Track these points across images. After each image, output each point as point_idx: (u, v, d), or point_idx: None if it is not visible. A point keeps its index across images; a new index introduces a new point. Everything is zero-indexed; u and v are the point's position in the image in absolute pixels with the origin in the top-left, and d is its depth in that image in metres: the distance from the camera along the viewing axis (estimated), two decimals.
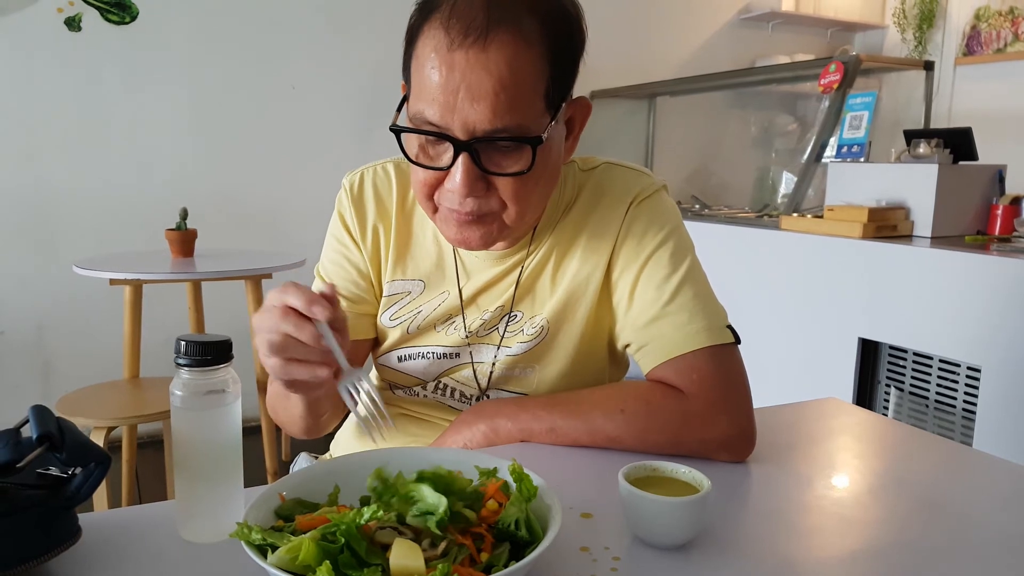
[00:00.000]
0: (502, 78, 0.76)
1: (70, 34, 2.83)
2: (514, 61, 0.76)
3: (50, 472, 0.62)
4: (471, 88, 0.76)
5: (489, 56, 0.75)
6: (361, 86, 3.29)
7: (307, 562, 0.53)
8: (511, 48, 0.76)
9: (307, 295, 0.69)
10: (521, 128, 0.78)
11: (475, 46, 0.75)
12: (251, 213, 3.18)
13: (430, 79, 0.78)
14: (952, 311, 2.04)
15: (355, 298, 1.00)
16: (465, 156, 0.79)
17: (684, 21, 4.07)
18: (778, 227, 2.61)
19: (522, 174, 0.80)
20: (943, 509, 0.77)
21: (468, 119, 0.77)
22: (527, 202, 0.84)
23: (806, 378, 2.49)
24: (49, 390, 2.92)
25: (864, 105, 2.66)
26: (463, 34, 0.75)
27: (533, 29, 0.78)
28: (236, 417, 0.67)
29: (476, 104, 0.76)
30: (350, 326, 0.98)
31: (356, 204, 0.99)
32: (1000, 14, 3.81)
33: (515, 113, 0.77)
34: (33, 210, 2.86)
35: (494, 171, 0.81)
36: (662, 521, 0.65)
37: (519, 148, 0.80)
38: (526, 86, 0.78)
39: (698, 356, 0.87)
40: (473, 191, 0.81)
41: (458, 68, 0.76)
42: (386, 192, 0.99)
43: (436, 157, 0.83)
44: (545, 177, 0.85)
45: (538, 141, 0.79)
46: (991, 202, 2.37)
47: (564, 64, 0.82)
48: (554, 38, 0.79)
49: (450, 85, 0.76)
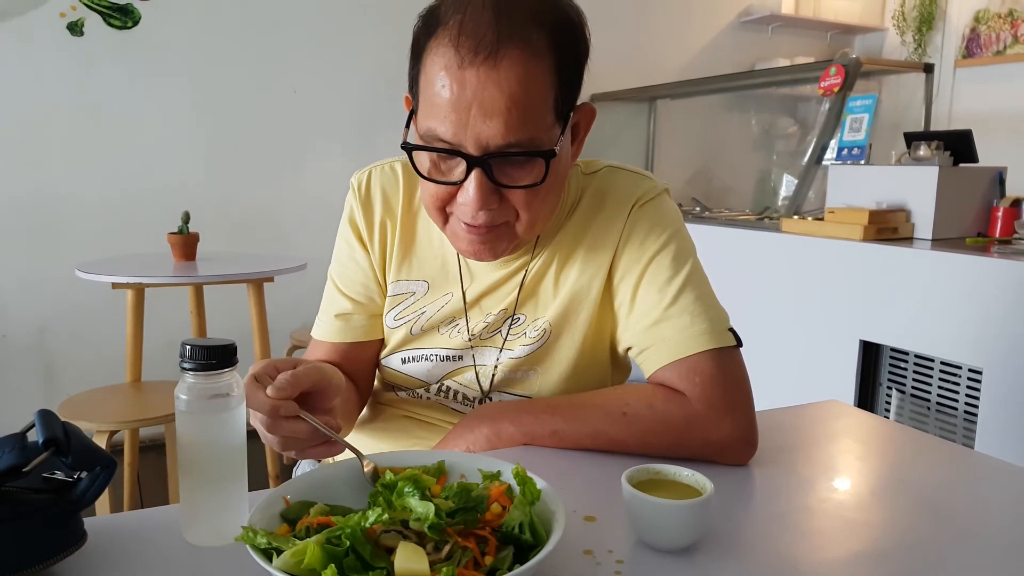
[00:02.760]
0: (514, 94, 0.76)
1: (72, 39, 2.84)
2: (525, 76, 0.77)
3: (56, 476, 0.62)
4: (483, 105, 0.76)
5: (500, 73, 0.76)
6: (363, 90, 3.30)
7: (312, 565, 0.53)
8: (521, 64, 0.76)
9: (269, 404, 0.71)
10: (533, 142, 0.79)
11: (486, 63, 0.76)
12: (253, 217, 3.19)
13: (440, 96, 0.78)
14: (953, 313, 2.04)
15: (366, 300, 1.00)
16: (478, 171, 0.79)
17: (684, 24, 4.07)
18: (779, 229, 2.61)
19: (535, 186, 0.81)
20: (945, 512, 0.77)
21: (481, 135, 0.77)
22: (538, 212, 0.85)
23: (807, 380, 2.48)
24: (51, 394, 2.92)
25: (864, 108, 2.66)
26: (473, 51, 0.75)
27: (541, 42, 0.78)
28: (240, 421, 0.67)
29: (489, 121, 0.76)
30: (367, 329, 1.00)
31: (364, 205, 1.00)
32: (999, 16, 3.81)
33: (527, 127, 0.78)
34: (35, 214, 2.86)
35: (507, 184, 0.81)
36: (665, 524, 0.66)
37: (531, 160, 0.81)
38: (537, 100, 0.78)
39: (701, 359, 0.87)
40: (487, 204, 0.81)
41: (469, 86, 0.76)
42: (393, 191, 1.00)
43: (448, 172, 0.83)
44: (556, 186, 0.86)
45: (551, 154, 0.80)
46: (992, 204, 2.37)
47: (571, 74, 0.82)
48: (561, 49, 0.80)
49: (462, 103, 0.77)
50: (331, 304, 1.02)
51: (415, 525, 0.58)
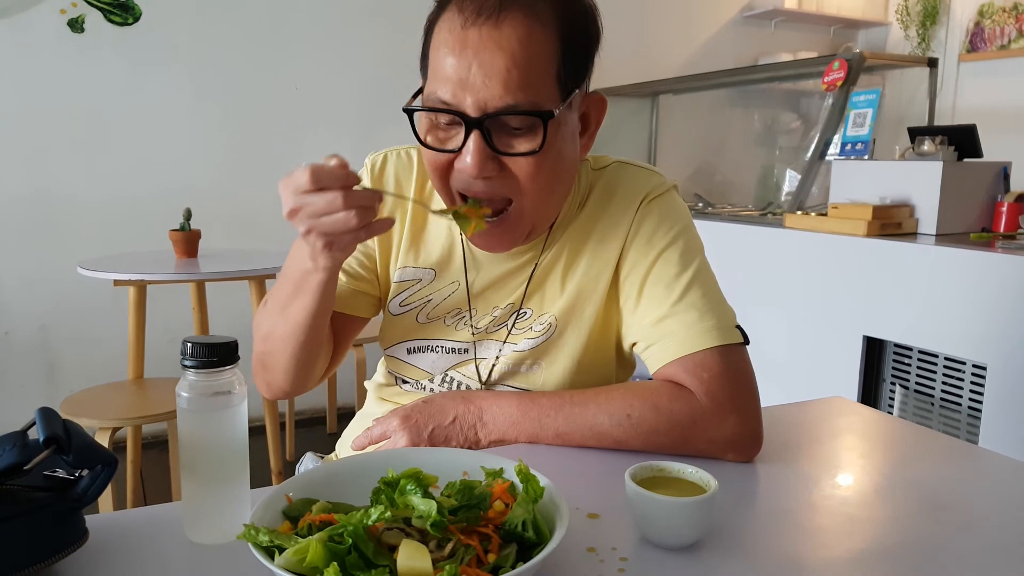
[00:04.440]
0: (514, 54, 0.77)
1: (73, 35, 2.84)
2: (526, 39, 0.77)
3: (57, 474, 0.62)
4: (483, 65, 0.77)
5: (502, 33, 0.77)
6: (364, 86, 3.29)
7: (314, 563, 0.53)
8: (524, 27, 0.78)
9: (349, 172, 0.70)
10: (533, 105, 0.79)
11: (487, 23, 0.77)
12: (255, 213, 3.18)
13: (444, 60, 0.79)
14: (957, 309, 2.04)
15: (356, 275, 1.00)
16: (476, 134, 0.79)
17: (687, 19, 4.06)
18: (782, 225, 2.60)
19: (534, 153, 0.81)
20: (949, 508, 0.76)
21: (480, 96, 0.78)
22: (541, 187, 0.84)
23: (811, 376, 2.48)
24: (53, 391, 2.92)
25: (868, 102, 2.65)
26: (476, 13, 0.77)
27: (546, 10, 0.79)
28: (242, 418, 0.67)
29: (488, 80, 0.77)
30: (346, 299, 0.99)
31: (375, 184, 1.00)
32: (1004, 10, 3.80)
33: (527, 91, 0.78)
34: (37, 211, 2.86)
35: (505, 151, 0.81)
36: (669, 522, 0.65)
37: (531, 129, 0.81)
38: (538, 64, 0.79)
39: (707, 355, 0.87)
40: (484, 171, 0.81)
41: (471, 45, 0.77)
42: (405, 176, 1.00)
43: (448, 140, 0.83)
44: (560, 164, 0.85)
45: (549, 115, 0.79)
46: (996, 199, 2.36)
47: (577, 49, 0.83)
48: (567, 21, 0.81)
49: (463, 62, 0.78)
50: None
51: (418, 523, 0.58)
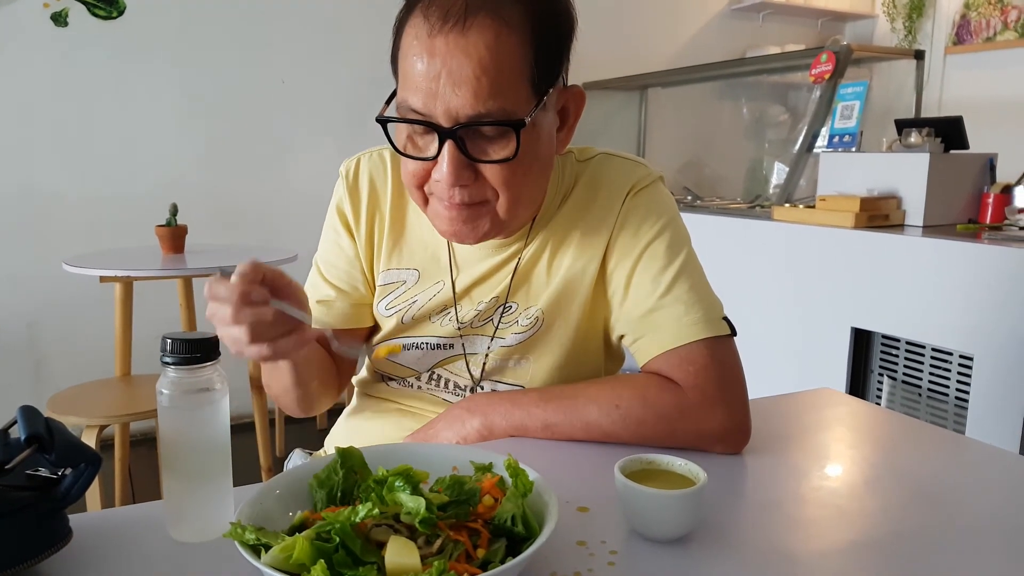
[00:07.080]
0: (482, 61, 0.75)
1: (57, 29, 2.80)
2: (494, 45, 0.76)
3: (40, 473, 0.61)
4: (452, 73, 0.76)
5: (469, 40, 0.75)
6: (351, 80, 3.27)
7: (301, 561, 0.52)
8: (491, 32, 0.76)
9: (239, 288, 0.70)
10: (504, 113, 0.78)
11: (454, 31, 0.75)
12: (242, 208, 3.16)
13: (413, 67, 0.77)
14: (944, 300, 2.05)
15: (349, 288, 1.00)
16: (450, 144, 0.78)
17: (675, 12, 4.06)
18: (770, 217, 2.61)
19: (508, 161, 0.80)
20: (937, 497, 0.77)
21: (451, 105, 0.76)
22: (517, 191, 0.83)
23: (799, 368, 2.49)
24: (40, 389, 2.90)
25: (855, 95, 2.66)
26: (442, 20, 0.75)
27: (514, 13, 0.77)
28: (224, 415, 0.66)
29: (458, 89, 0.76)
30: (348, 317, 0.99)
31: (351, 192, 0.99)
32: (989, 3, 3.81)
33: (498, 98, 0.77)
34: (21, 207, 2.83)
35: (480, 158, 0.80)
36: (659, 514, 0.65)
37: (505, 135, 0.79)
38: (508, 70, 0.77)
39: (694, 348, 0.87)
40: (460, 179, 0.80)
41: (439, 54, 0.76)
42: (381, 179, 0.99)
43: (424, 147, 0.82)
44: (536, 166, 0.85)
45: (520, 124, 0.78)
46: (982, 190, 2.38)
47: (550, 49, 0.81)
48: (538, 22, 0.79)
49: (431, 71, 0.76)
50: (313, 290, 1.01)
51: (406, 519, 0.57)
